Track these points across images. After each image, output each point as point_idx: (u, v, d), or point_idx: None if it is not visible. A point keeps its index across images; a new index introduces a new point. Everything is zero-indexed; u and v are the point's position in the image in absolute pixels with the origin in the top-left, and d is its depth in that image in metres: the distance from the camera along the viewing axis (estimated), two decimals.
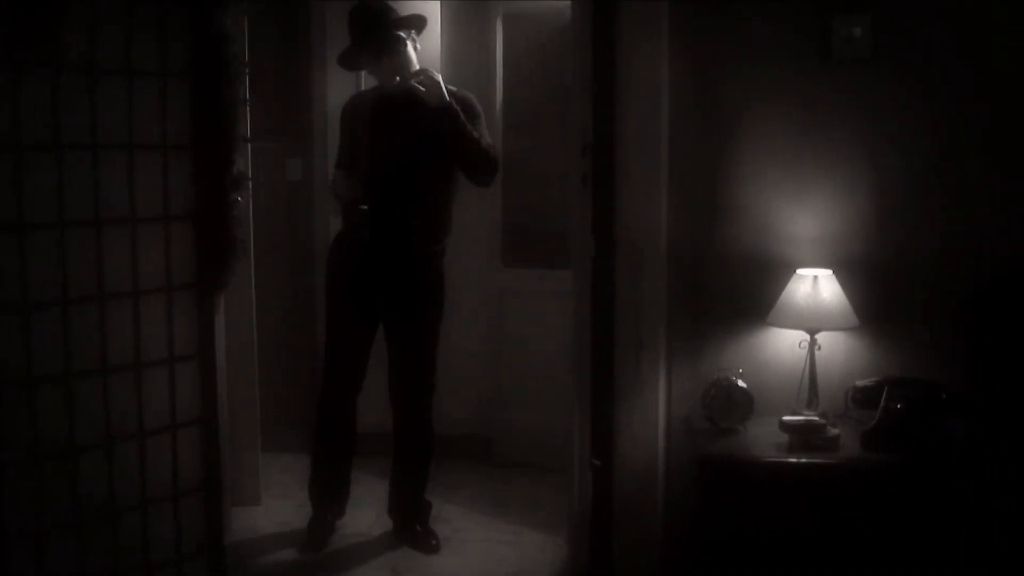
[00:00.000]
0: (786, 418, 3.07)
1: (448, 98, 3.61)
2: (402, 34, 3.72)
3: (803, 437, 3.02)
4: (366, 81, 4.38)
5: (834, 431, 3.03)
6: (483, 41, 4.77)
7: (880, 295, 3.24)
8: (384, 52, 3.70)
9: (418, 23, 3.79)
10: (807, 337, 3.16)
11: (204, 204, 2.81)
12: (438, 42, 4.82)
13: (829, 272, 3.15)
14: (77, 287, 2.60)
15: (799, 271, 3.18)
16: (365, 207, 3.61)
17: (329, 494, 3.94)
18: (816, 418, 3.07)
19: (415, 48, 3.79)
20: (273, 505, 4.30)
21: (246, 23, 3.56)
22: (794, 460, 2.97)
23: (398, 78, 3.73)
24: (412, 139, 3.67)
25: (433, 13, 4.78)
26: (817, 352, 3.16)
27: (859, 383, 3.14)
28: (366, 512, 4.16)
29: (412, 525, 3.90)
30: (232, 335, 3.84)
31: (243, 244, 2.99)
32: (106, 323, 2.66)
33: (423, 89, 3.60)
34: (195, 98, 2.76)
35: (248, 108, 3.39)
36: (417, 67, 3.75)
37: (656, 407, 3.31)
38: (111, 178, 2.64)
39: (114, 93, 2.61)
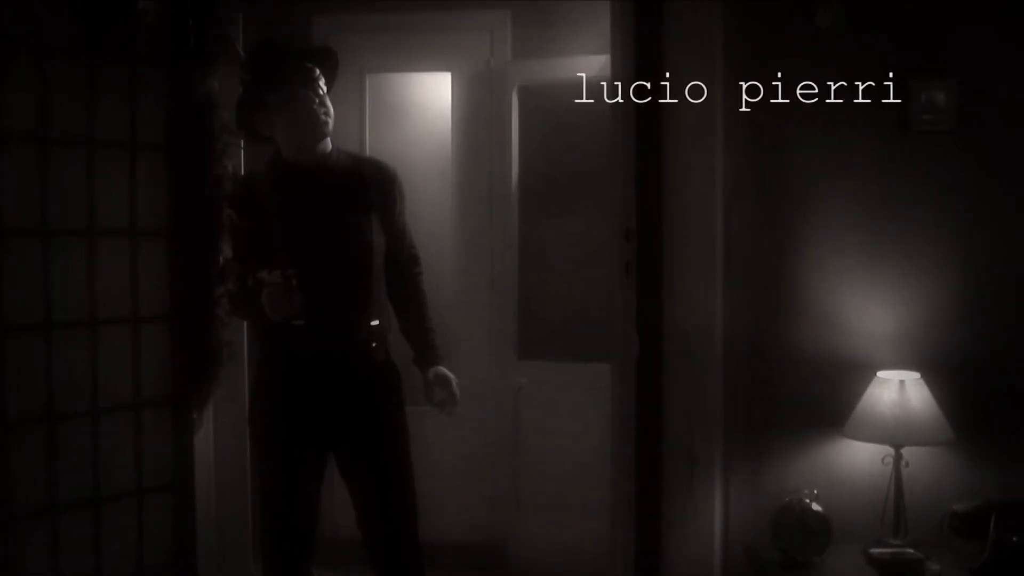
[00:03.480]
0: (873, 550, 2.73)
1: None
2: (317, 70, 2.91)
3: (896, 574, 2.62)
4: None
5: (933, 567, 2.67)
6: (497, 115, 4.49)
7: (975, 402, 2.91)
8: (302, 92, 2.86)
9: (329, 60, 2.99)
10: (891, 452, 2.82)
11: (182, 302, 2.37)
12: (448, 116, 4.61)
13: (917, 376, 2.79)
14: (20, 404, 2.13)
15: (880, 374, 2.85)
16: (301, 322, 2.84)
17: None
18: (909, 550, 2.72)
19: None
20: None
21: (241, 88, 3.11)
22: None
23: (327, 141, 2.96)
24: (357, 225, 2.97)
25: (443, 84, 4.51)
26: (904, 469, 2.81)
27: (958, 508, 2.77)
28: None
29: None
30: (221, 457, 3.35)
31: (231, 348, 2.53)
32: (57, 448, 2.19)
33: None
34: (172, 175, 2.34)
35: None
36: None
37: (712, 533, 2.98)
38: (66, 270, 2.19)
39: (72, 168, 2.17)
